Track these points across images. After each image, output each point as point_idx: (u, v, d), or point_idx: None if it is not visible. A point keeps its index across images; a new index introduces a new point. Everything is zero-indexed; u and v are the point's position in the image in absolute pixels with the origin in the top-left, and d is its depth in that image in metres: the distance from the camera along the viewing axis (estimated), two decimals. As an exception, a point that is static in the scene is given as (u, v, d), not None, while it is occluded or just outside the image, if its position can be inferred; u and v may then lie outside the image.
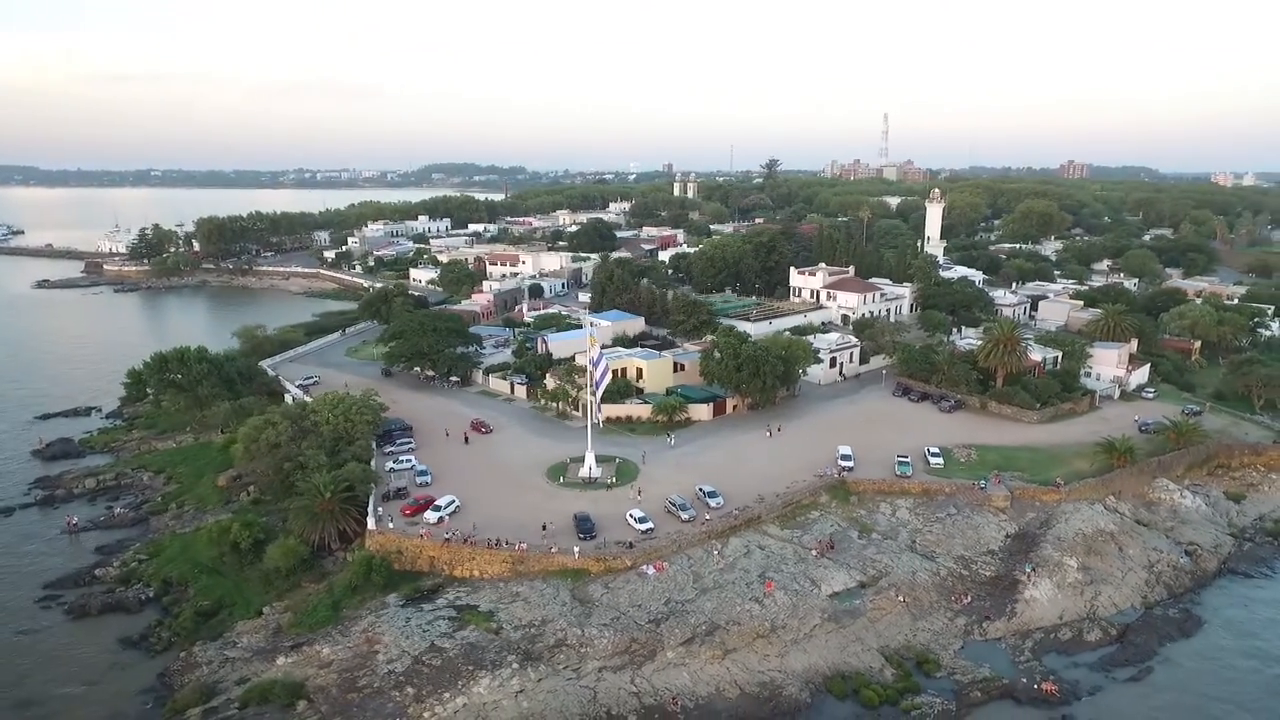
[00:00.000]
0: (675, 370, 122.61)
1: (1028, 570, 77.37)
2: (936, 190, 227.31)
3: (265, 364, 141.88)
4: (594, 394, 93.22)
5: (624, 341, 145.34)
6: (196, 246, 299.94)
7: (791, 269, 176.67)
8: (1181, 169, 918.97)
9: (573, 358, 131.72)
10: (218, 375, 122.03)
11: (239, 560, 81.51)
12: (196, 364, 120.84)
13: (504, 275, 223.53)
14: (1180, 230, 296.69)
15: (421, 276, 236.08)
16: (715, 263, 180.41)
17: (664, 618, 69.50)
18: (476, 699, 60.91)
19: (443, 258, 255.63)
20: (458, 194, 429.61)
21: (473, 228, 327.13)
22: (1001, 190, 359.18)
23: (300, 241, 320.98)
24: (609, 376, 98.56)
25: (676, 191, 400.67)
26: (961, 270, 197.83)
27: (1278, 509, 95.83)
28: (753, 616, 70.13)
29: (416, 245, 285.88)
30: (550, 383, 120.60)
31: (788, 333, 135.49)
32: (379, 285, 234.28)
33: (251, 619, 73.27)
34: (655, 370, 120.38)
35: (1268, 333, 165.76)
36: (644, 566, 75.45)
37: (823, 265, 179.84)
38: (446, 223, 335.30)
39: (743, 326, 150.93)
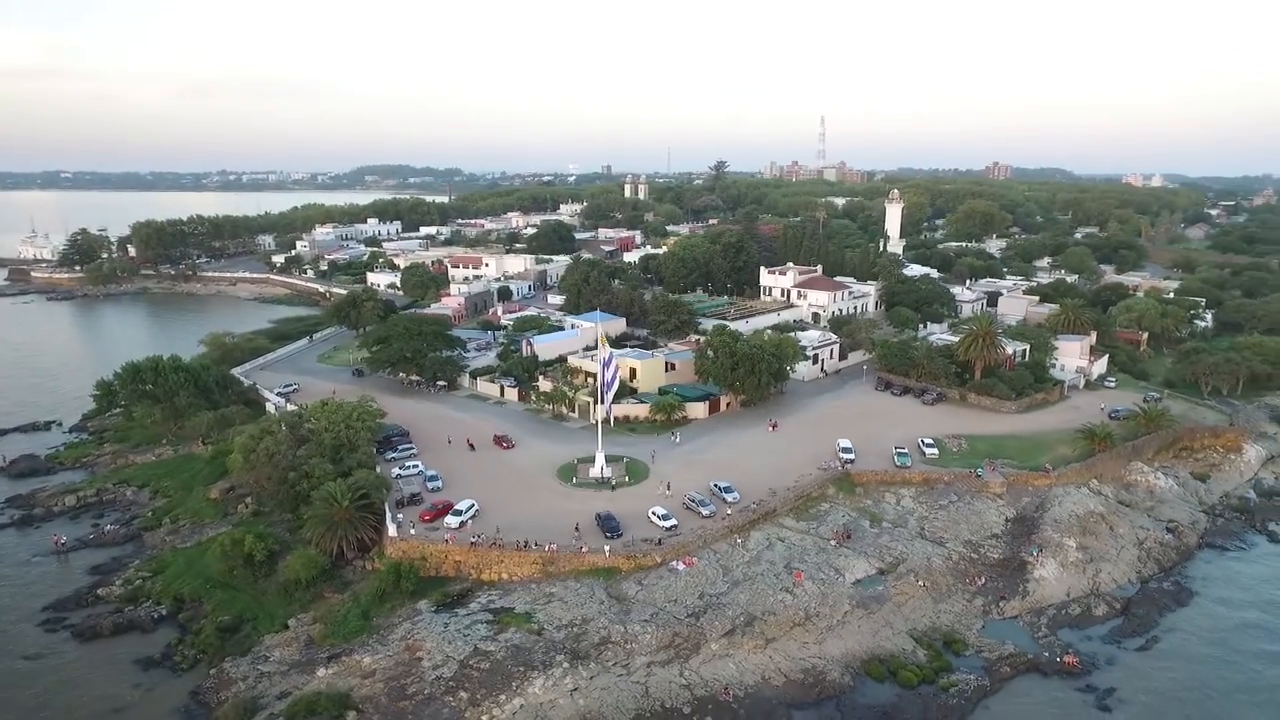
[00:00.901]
0: (667, 370, 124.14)
1: (1034, 552, 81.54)
2: (895, 191, 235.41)
3: (236, 372, 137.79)
4: (606, 395, 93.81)
5: (607, 343, 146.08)
6: (132, 252, 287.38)
7: (762, 269, 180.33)
8: (1095, 170, 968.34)
9: (564, 359, 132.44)
10: (194, 385, 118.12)
11: (253, 573, 79.46)
12: (172, 373, 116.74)
13: (466, 278, 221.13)
14: (1108, 228, 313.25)
15: (380, 280, 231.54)
16: (686, 263, 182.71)
17: (702, 611, 70.86)
18: (533, 699, 61.15)
19: (400, 261, 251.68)
20: (408, 196, 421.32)
21: (424, 230, 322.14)
22: (940, 191, 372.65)
23: (244, 246, 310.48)
24: (619, 377, 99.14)
25: (627, 193, 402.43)
26: (918, 268, 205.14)
27: (1239, 486, 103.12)
28: (786, 606, 72.12)
29: (370, 249, 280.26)
30: (545, 385, 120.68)
31: (769, 331, 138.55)
32: (338, 290, 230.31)
33: (278, 632, 71.55)
34: (649, 370, 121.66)
35: (1202, 324, 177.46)
36: (674, 562, 76.65)
37: (791, 265, 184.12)
38: (397, 225, 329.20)
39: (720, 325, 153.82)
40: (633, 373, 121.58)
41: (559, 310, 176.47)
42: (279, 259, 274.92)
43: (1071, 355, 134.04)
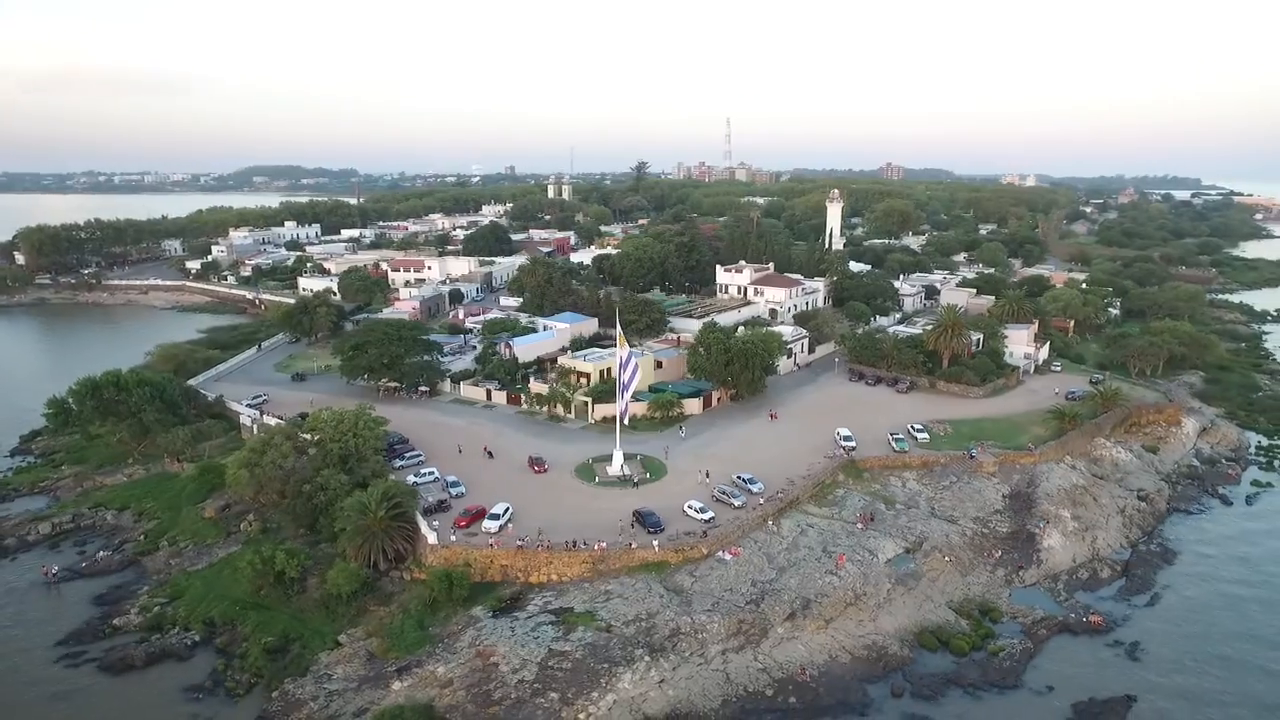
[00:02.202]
0: (657, 367, 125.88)
1: (1041, 525, 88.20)
2: (835, 191, 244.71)
3: (192, 384, 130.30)
4: (624, 393, 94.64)
5: (580, 343, 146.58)
6: (20, 259, 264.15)
7: (718, 267, 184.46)
8: (973, 171, 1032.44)
9: (542, 360, 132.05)
10: (160, 399, 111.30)
11: (284, 591, 76.29)
12: (136, 388, 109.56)
13: (408, 281, 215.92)
14: (1009, 226, 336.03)
15: (312, 285, 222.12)
16: (644, 263, 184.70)
17: (759, 598, 73.23)
18: (624, 694, 61.91)
19: (330, 265, 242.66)
20: (309, 198, 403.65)
21: (346, 233, 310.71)
22: (851, 190, 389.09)
23: (148, 252, 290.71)
24: (639, 376, 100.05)
25: (550, 194, 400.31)
26: (857, 265, 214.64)
27: (1186, 455, 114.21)
28: (835, 588, 75.46)
29: (293, 253, 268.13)
30: (537, 387, 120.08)
31: (742, 327, 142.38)
32: (268, 297, 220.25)
33: (331, 649, 69.19)
34: (640, 368, 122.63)
35: (1114, 311, 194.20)
36: (720, 553, 78.70)
37: (743, 262, 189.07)
38: (316, 229, 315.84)
39: (686, 323, 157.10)
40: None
41: (517, 312, 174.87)
42: (194, 265, 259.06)
43: (1020, 343, 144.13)
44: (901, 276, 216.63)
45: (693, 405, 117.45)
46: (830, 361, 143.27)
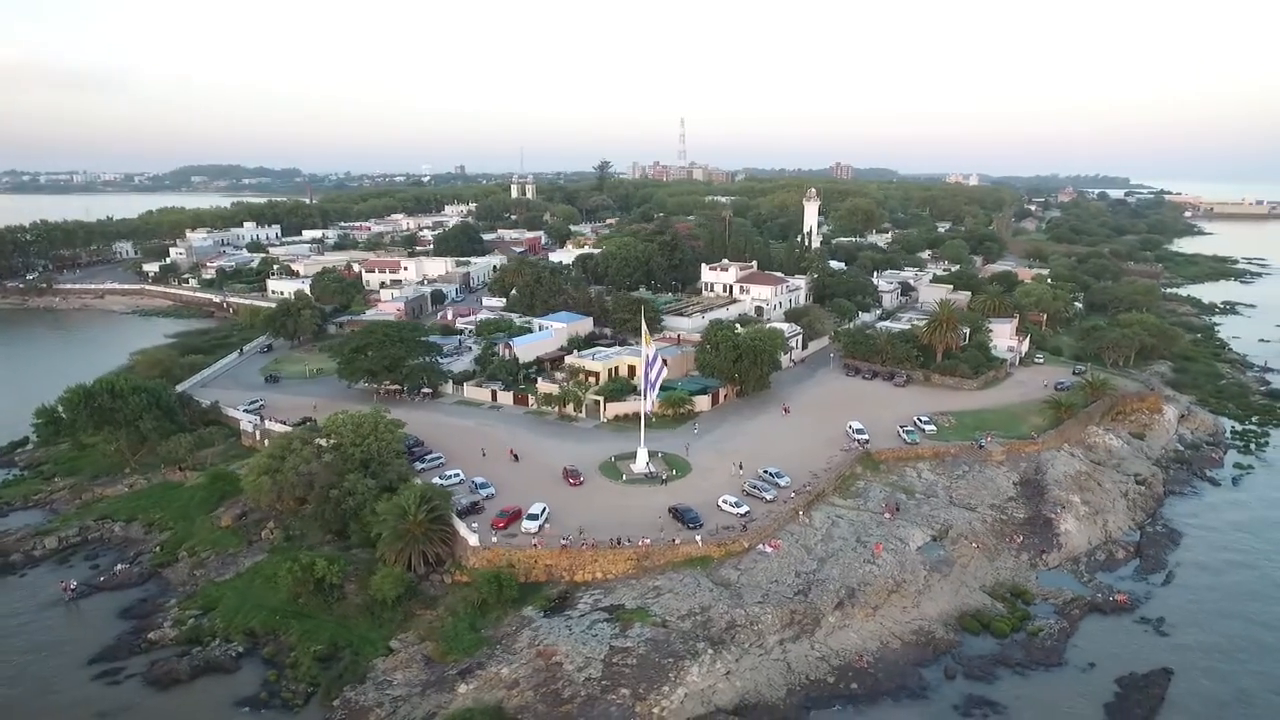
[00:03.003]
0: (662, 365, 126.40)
1: (1057, 510, 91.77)
2: (812, 190, 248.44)
3: (183, 390, 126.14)
4: (650, 391, 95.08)
5: (577, 342, 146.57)
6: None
7: (703, 265, 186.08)
8: (916, 170, 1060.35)
9: (553, 361, 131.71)
10: (157, 407, 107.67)
11: (324, 598, 74.77)
12: (132, 395, 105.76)
13: (384, 283, 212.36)
14: (965, 223, 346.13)
15: (283, 288, 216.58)
16: (629, 262, 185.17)
17: (806, 588, 74.66)
18: (693, 686, 62.59)
19: (297, 267, 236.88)
20: (286, 199, 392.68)
21: (309, 234, 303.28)
22: (824, 189, 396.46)
23: (99, 255, 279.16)
24: (664, 374, 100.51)
25: (514, 193, 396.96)
26: (834, 263, 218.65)
27: (1171, 441, 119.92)
28: (876, 576, 77.40)
29: (257, 255, 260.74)
30: (546, 387, 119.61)
31: (737, 324, 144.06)
32: (236, 300, 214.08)
33: (384, 656, 68.15)
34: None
35: (1079, 305, 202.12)
36: (761, 546, 79.92)
37: (725, 260, 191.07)
38: (276, 230, 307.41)
39: (678, 321, 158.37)
40: (631, 370, 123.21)
41: (504, 312, 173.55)
42: (151, 268, 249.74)
43: (1003, 336, 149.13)
44: (874, 274, 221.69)
45: (702, 402, 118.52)
46: (825, 357, 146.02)
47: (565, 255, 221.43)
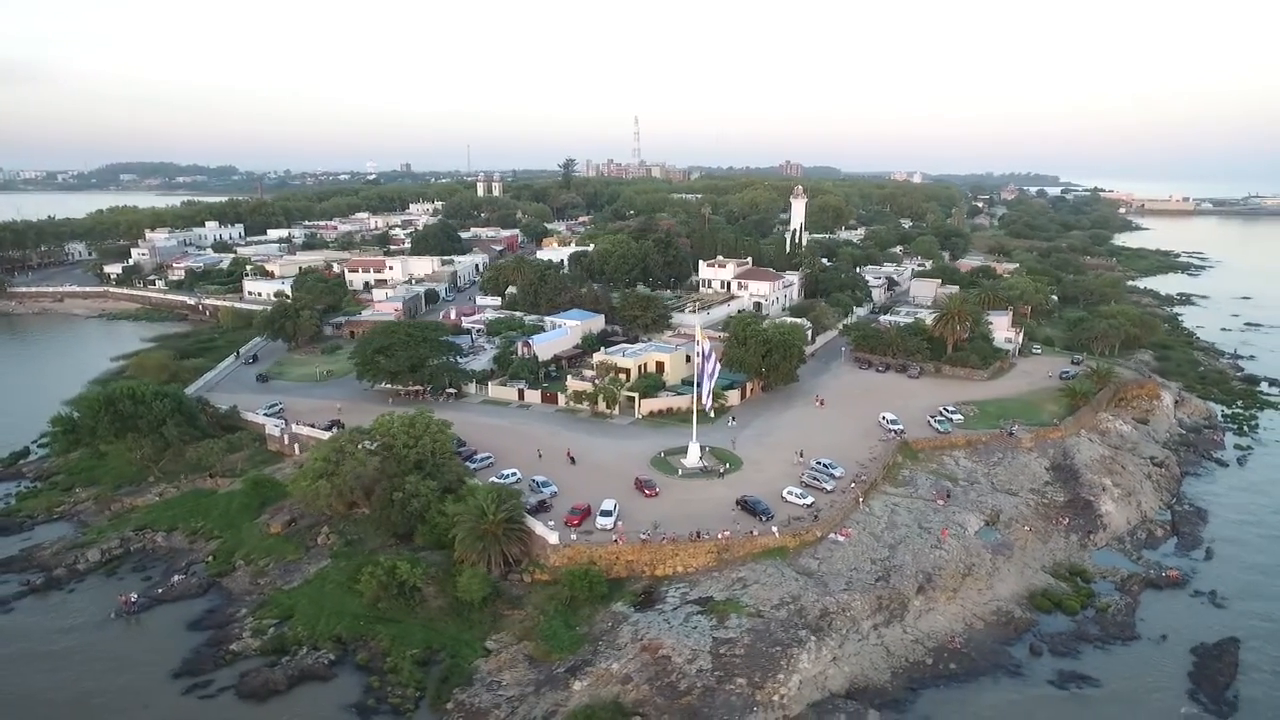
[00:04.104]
0: (686, 361, 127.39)
1: (1097, 493, 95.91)
2: (799, 187, 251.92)
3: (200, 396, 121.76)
4: (705, 385, 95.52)
5: (590, 340, 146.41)
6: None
7: (701, 262, 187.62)
8: (859, 169, 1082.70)
9: (571, 359, 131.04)
10: (179, 411, 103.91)
11: (405, 602, 73.50)
12: (155, 400, 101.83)
13: (368, 283, 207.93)
14: (927, 220, 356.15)
15: (260, 289, 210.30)
16: (628, 260, 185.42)
17: (885, 575, 76.52)
18: (806, 673, 63.72)
19: (272, 267, 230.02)
20: (248, 197, 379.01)
21: (274, 234, 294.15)
22: (780, 187, 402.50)
23: (51, 256, 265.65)
24: (718, 369, 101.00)
25: (481, 191, 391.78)
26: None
27: (1173, 425, 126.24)
28: (947, 561, 79.81)
29: (224, 255, 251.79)
30: (576, 384, 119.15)
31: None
32: (211, 303, 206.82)
33: (484, 657, 67.46)
34: (674, 363, 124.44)
35: (1055, 297, 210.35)
36: (832, 535, 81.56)
37: (721, 257, 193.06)
38: (240, 229, 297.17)
39: (681, 317, 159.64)
40: (660, 366, 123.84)
41: (502, 311, 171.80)
42: (113, 270, 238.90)
43: (1001, 328, 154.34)
44: (856, 269, 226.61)
45: (732, 397, 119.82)
46: (836, 350, 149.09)
47: (548, 253, 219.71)
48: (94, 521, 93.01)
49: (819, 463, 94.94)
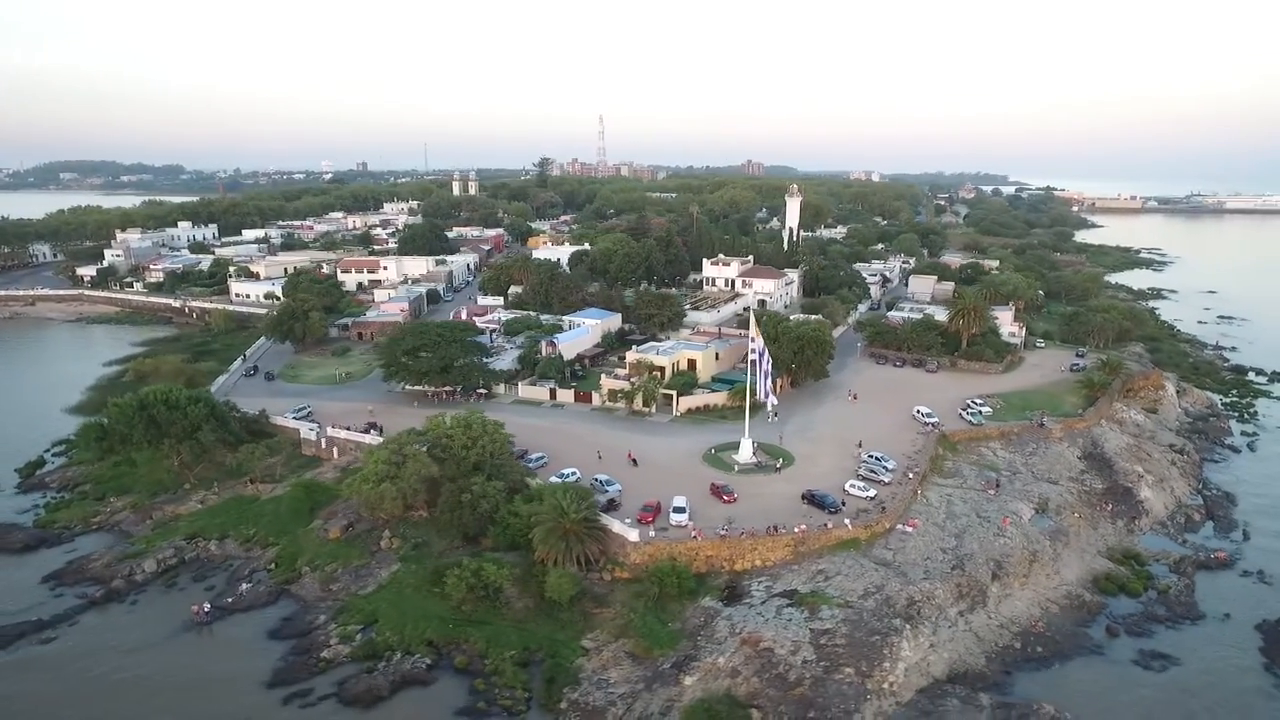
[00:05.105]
0: (715, 359, 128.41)
1: (1133, 480, 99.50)
2: (794, 186, 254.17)
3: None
4: (763, 383, 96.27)
5: (610, 339, 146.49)
6: None
7: (704, 260, 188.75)
8: (818, 168, 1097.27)
9: (594, 358, 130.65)
10: (213, 416, 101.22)
11: (491, 604, 72.86)
12: (190, 405, 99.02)
13: (360, 284, 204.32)
14: (900, 218, 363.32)
15: (249, 290, 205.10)
16: (632, 259, 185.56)
17: (958, 563, 78.27)
18: (909, 660, 65.04)
19: (256, 268, 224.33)
20: (219, 197, 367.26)
21: (249, 234, 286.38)
22: (759, 186, 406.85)
23: (14, 258, 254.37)
24: (770, 365, 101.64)
25: (457, 190, 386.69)
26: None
27: (1179, 414, 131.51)
28: (1012, 549, 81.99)
29: (203, 257, 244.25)
30: (610, 383, 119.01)
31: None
32: (198, 305, 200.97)
33: (584, 656, 67.28)
34: (705, 361, 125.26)
35: (1041, 292, 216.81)
36: (900, 526, 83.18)
37: (722, 255, 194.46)
38: (213, 229, 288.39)
39: (699, 315, 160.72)
40: (691, 364, 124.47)
41: (507, 309, 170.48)
42: (87, 272, 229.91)
43: (1006, 323, 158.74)
44: (848, 266, 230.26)
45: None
46: (851, 346, 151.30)
47: (544, 252, 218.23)
48: (136, 531, 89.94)
49: (872, 456, 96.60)
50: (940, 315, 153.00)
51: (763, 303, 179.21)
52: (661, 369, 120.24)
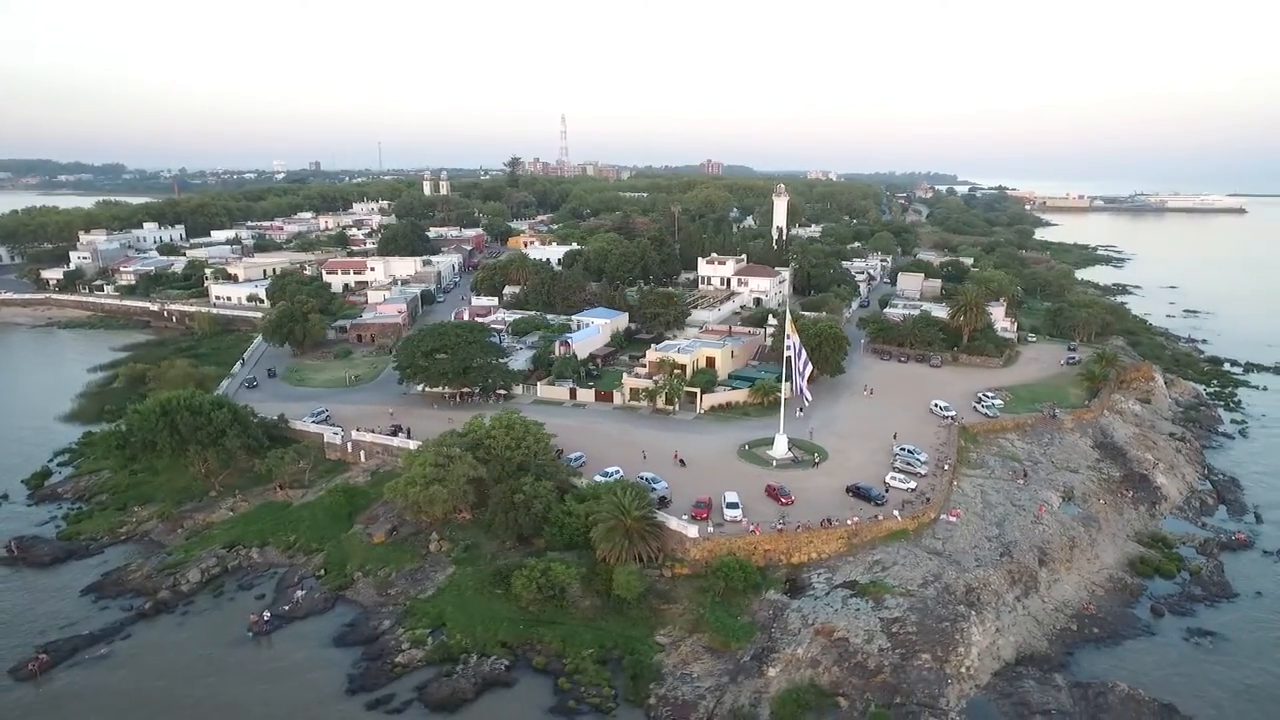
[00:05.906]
0: (732, 357, 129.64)
1: (1148, 467, 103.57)
2: (781, 186, 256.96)
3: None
4: (800, 380, 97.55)
5: (619, 338, 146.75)
6: None
7: (699, 259, 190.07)
8: (774, 168, 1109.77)
9: (605, 357, 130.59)
10: (238, 422, 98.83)
11: (558, 604, 72.77)
12: (215, 411, 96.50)
13: (347, 285, 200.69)
14: (869, 217, 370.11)
15: (230, 293, 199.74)
16: (629, 258, 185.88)
17: (1005, 550, 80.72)
18: (979, 644, 67.01)
19: (234, 270, 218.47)
20: (188, 195, 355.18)
21: (219, 235, 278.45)
22: (732, 186, 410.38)
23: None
24: (807, 360, 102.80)
25: (428, 190, 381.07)
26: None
27: (1172, 404, 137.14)
28: (1051, 536, 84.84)
29: (174, 258, 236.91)
30: (633, 381, 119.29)
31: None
32: (176, 308, 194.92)
33: (661, 651, 67.67)
34: (723, 358, 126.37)
35: (1020, 289, 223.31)
36: (944, 516, 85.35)
37: (715, 254, 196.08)
38: (180, 230, 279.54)
39: (702, 314, 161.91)
40: (710, 361, 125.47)
41: (500, 309, 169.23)
42: (53, 275, 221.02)
43: (998, 319, 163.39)
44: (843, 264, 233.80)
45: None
46: (853, 343, 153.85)
47: (535, 252, 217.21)
48: (169, 541, 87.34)
49: (904, 449, 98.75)
50: (933, 312, 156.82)
51: (759, 301, 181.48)
52: (683, 367, 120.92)
